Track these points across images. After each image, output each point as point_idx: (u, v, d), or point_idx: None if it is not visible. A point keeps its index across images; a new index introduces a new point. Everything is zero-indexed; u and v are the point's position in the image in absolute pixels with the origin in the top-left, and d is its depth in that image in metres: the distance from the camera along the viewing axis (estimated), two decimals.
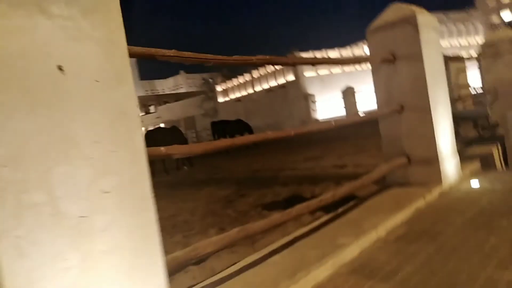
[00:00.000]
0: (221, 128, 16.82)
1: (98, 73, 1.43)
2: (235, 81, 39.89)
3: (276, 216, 2.40)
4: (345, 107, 26.67)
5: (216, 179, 8.46)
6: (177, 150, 1.84)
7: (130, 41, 1.57)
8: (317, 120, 26.66)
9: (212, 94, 43.89)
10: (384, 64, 3.75)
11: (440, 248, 2.42)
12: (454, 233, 2.62)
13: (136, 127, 1.53)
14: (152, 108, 61.67)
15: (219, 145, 2.06)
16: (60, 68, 1.33)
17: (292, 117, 30.86)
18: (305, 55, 29.64)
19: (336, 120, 3.35)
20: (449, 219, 2.89)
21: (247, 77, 37.90)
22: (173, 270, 1.92)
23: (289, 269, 2.34)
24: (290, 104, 31.99)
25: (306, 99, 29.82)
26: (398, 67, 3.69)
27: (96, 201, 1.38)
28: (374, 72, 3.90)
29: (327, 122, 3.23)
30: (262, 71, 35.23)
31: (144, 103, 62.93)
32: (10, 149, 1.22)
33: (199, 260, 3.20)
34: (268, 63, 2.40)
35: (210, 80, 47.01)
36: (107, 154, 1.43)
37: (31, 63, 1.26)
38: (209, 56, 2.08)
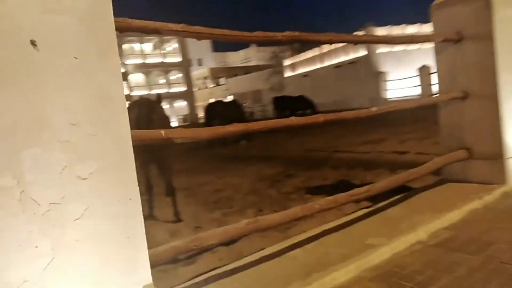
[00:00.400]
0: (283, 103, 16.57)
1: (78, 49, 1.31)
2: (303, 56, 38.98)
3: (295, 210, 2.20)
4: (421, 87, 24.88)
5: (267, 156, 8.32)
6: (179, 135, 1.70)
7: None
8: (386, 100, 25.21)
9: (280, 69, 43.41)
10: (448, 44, 3.27)
11: (488, 263, 2.07)
12: (509, 246, 2.23)
13: (120, 108, 1.41)
14: (222, 80, 62.78)
15: (230, 130, 1.89)
16: (33, 42, 1.22)
17: (361, 95, 29.53)
18: (381, 31, 27.94)
19: (395, 105, 3.01)
20: (506, 228, 2.48)
21: (315, 51, 36.80)
22: (173, 259, 1.85)
23: (306, 267, 2.15)
24: (359, 81, 30.57)
25: (377, 77, 28.24)
26: (465, 48, 3.19)
27: (71, 187, 1.30)
28: (437, 52, 3.42)
29: (381, 108, 2.91)
30: (333, 45, 33.93)
31: (215, 75, 64.23)
32: None
33: (229, 242, 3.15)
34: (295, 41, 2.15)
35: (280, 53, 46.41)
36: (85, 138, 1.33)
37: (0, 36, 1.17)
38: (225, 31, 1.88)
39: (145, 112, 4.16)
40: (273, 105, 16.76)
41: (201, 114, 40.34)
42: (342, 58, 33.55)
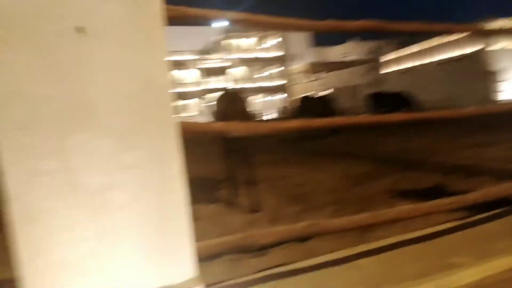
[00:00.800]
0: (378, 100, 15.67)
1: (125, 36, 1.30)
2: (404, 51, 36.52)
3: (365, 216, 1.98)
4: None
5: (357, 154, 7.90)
6: (235, 128, 1.62)
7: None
8: (496, 102, 22.29)
9: (378, 64, 41.32)
10: None
11: None
12: None
13: (166, 98, 1.37)
14: (320, 75, 61.98)
15: (291, 126, 1.75)
16: (80, 29, 1.24)
17: (468, 96, 26.64)
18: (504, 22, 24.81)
19: (497, 106, 2.58)
20: None
21: (418, 47, 34.19)
22: (222, 253, 1.78)
23: (372, 281, 1.94)
24: (466, 80, 27.60)
25: (488, 77, 25.15)
26: None
27: (116, 175, 1.30)
28: None
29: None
30: (436, 41, 31.17)
31: (314, 70, 63.65)
32: (25, 113, 1.20)
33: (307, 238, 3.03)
34: (369, 30, 1.90)
35: (379, 49, 44.16)
36: (130, 126, 1.31)
37: (47, 22, 1.20)
38: (289, 20, 1.75)
39: (227, 105, 4.24)
40: (367, 101, 15.93)
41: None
42: (447, 54, 30.61)
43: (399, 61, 37.53)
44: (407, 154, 7.33)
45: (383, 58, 40.47)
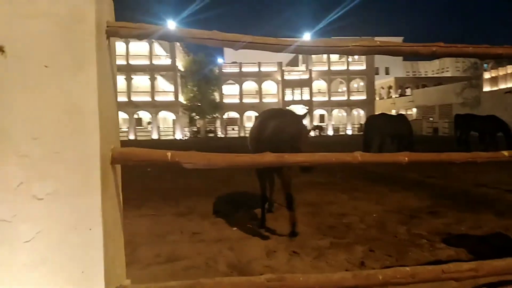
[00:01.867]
0: (466, 122, 14.18)
1: (50, 57, 1.20)
2: (509, 68, 32.89)
3: (343, 276, 1.65)
4: None
5: (424, 183, 7.15)
6: (188, 159, 1.45)
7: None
8: None
9: (477, 82, 37.75)
10: None
11: None
12: None
13: (91, 124, 1.24)
14: (408, 91, 58.78)
15: (257, 160, 1.52)
16: (0, 49, 1.17)
17: None
18: None
19: None
20: None
21: None
22: None
23: None
24: None
25: None
26: None
27: (24, 206, 1.20)
28: None
29: None
30: None
31: (400, 85, 60.61)
32: None
33: None
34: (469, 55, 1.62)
35: (485, 65, 40.33)
36: (47, 154, 1.21)
37: None
38: (281, 40, 1.54)
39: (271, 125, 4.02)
40: (454, 124, 14.51)
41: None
42: None
43: (504, 79, 33.98)
44: (480, 188, 6.43)
45: (485, 75, 36.94)
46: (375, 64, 61.67)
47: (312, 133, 47.38)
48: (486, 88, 36.49)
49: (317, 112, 54.20)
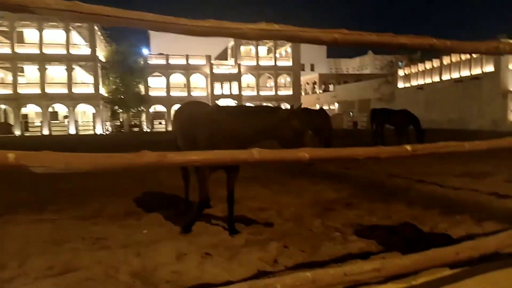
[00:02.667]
0: (381, 117, 15.03)
1: None
2: (420, 66, 35.77)
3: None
4: None
5: (342, 175, 7.34)
6: (39, 162, 1.15)
7: None
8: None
9: (393, 79, 40.62)
10: None
11: None
12: None
13: None
14: (331, 87, 61.54)
15: (113, 162, 1.27)
16: None
17: (483, 116, 25.79)
18: None
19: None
20: None
21: (435, 63, 33.42)
22: None
23: None
24: (482, 100, 26.75)
25: (505, 97, 24.34)
26: None
27: None
28: None
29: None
30: (454, 57, 30.40)
31: (324, 81, 63.22)
32: None
33: None
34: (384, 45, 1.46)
35: (400, 63, 43.42)
36: None
37: None
38: (161, 17, 1.30)
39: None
40: (370, 118, 15.31)
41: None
42: (464, 72, 29.78)
43: (416, 76, 36.78)
44: (393, 179, 6.76)
45: (400, 72, 39.73)
46: (302, 61, 63.67)
47: None
48: (400, 84, 39.33)
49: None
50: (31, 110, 42.31)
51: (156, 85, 48.90)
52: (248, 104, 52.64)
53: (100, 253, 3.39)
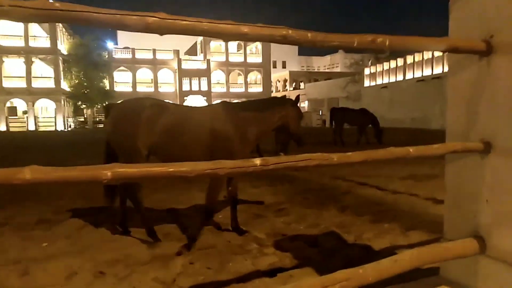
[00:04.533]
0: (340, 115, 15.01)
1: None
2: (385, 65, 36.33)
3: None
4: None
5: (287, 177, 7.09)
6: None
7: None
8: None
9: (359, 77, 41.11)
10: (469, 59, 1.93)
11: None
12: None
13: None
14: (302, 85, 61.76)
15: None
16: None
17: (444, 115, 26.29)
18: None
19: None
20: None
21: (399, 61, 34.00)
22: None
23: None
24: (444, 99, 27.38)
25: None
26: (494, 65, 1.84)
27: None
28: (451, 72, 2.09)
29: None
30: (417, 57, 30.97)
31: (295, 79, 63.34)
32: None
33: None
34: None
35: (361, 62, 43.97)
36: None
37: None
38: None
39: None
40: (330, 117, 15.26)
41: None
42: (427, 71, 30.40)
43: (381, 75, 37.31)
44: (335, 181, 6.57)
45: (366, 71, 40.23)
46: (273, 58, 63.52)
47: None
48: (367, 83, 39.84)
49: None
50: None
51: (122, 80, 47.54)
52: (217, 101, 52.12)
53: None
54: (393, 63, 35.00)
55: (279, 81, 65.38)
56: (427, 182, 6.30)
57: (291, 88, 62.30)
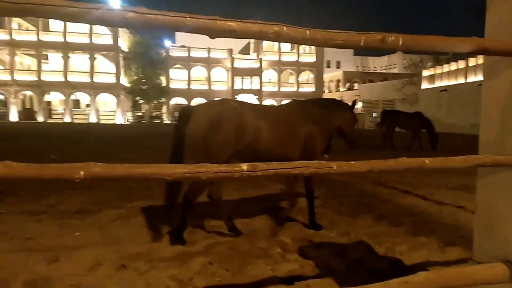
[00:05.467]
0: (393, 119, 14.36)
1: None
2: (445, 67, 34.37)
3: None
4: None
5: (329, 178, 6.88)
6: None
7: None
8: None
9: (417, 79, 39.24)
10: (503, 62, 1.72)
11: None
12: None
13: None
14: (356, 85, 60.22)
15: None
16: None
17: None
18: None
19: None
20: None
21: (460, 64, 32.00)
22: None
23: None
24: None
25: None
26: None
27: None
28: (485, 74, 1.87)
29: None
30: (480, 59, 28.93)
31: (349, 79, 61.87)
32: None
33: None
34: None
35: (419, 63, 41.97)
36: None
37: None
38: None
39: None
40: (381, 119, 14.67)
41: None
42: None
43: (440, 77, 35.42)
44: (378, 187, 6.26)
45: (424, 73, 38.36)
46: (327, 58, 62.50)
47: None
48: (425, 85, 37.97)
49: (267, 102, 54.06)
50: (54, 97, 43.30)
51: (177, 77, 49.13)
52: (269, 100, 52.29)
53: (16, 255, 3.16)
54: (453, 65, 33.04)
55: (332, 81, 64.17)
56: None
57: (345, 89, 60.91)
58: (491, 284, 1.74)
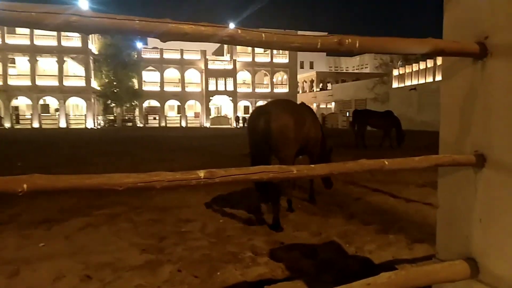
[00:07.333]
0: (362, 118, 14.62)
1: None
2: (415, 67, 35.29)
3: None
4: None
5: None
6: None
7: None
8: None
9: (388, 78, 40.13)
10: (461, 62, 1.75)
11: None
12: None
13: None
14: (329, 86, 60.97)
15: None
16: None
17: None
18: None
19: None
20: None
21: (428, 63, 32.94)
22: None
23: None
24: None
25: None
26: (489, 69, 1.65)
27: None
28: (443, 74, 1.91)
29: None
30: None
31: (322, 79, 62.57)
32: None
33: None
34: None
35: (390, 62, 42.94)
36: None
37: None
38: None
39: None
40: (352, 119, 14.89)
41: None
42: None
43: (410, 76, 36.29)
44: (349, 186, 6.33)
45: (395, 72, 39.22)
46: (300, 58, 63.04)
47: (235, 124, 47.19)
48: (395, 84, 38.85)
49: (242, 104, 54.01)
50: (22, 102, 41.84)
51: (150, 79, 48.42)
52: (244, 101, 52.30)
53: None
54: (422, 65, 33.98)
55: (305, 82, 64.76)
56: None
57: (318, 89, 61.60)
58: (453, 282, 1.77)
